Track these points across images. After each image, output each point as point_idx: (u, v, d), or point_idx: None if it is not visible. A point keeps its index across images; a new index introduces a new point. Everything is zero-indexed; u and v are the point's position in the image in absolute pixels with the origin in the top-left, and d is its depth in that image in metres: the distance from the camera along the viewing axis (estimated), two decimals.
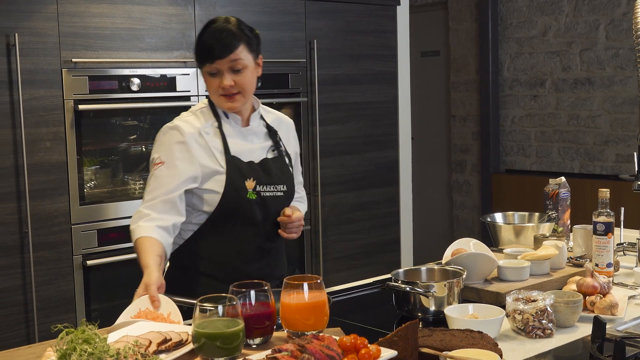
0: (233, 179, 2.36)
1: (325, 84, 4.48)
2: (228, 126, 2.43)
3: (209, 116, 2.43)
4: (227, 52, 2.34)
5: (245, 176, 2.38)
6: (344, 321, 2.21)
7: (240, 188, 2.37)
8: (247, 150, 2.44)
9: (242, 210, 2.38)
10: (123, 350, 1.72)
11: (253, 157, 2.44)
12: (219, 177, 2.36)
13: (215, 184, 2.36)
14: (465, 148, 6.69)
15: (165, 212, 2.32)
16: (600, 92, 5.70)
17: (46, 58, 3.49)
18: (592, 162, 5.82)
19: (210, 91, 2.40)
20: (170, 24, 3.86)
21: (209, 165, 2.36)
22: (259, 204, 2.40)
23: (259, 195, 2.40)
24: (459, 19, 6.65)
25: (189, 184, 2.34)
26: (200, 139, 2.37)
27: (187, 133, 2.36)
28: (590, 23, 5.72)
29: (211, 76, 2.37)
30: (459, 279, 2.23)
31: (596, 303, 2.19)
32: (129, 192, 3.84)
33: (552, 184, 3.00)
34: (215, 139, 2.39)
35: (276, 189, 2.45)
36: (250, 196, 2.38)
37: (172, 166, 2.33)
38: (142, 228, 2.29)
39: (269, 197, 2.42)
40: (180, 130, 2.36)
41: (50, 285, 3.55)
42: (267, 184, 2.43)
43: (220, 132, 2.41)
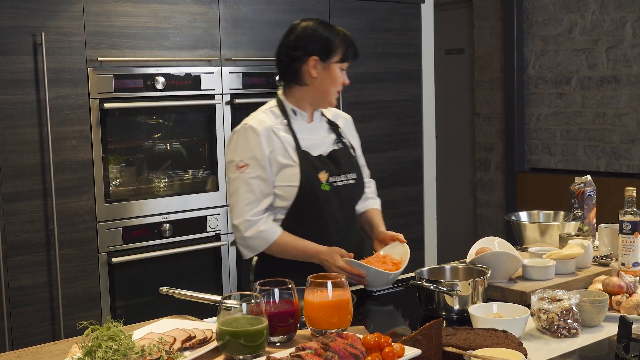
0: (307, 173, 2.53)
1: (350, 82, 4.47)
2: (296, 123, 2.62)
3: (279, 114, 2.61)
4: (357, 57, 2.68)
5: (317, 169, 2.56)
6: (368, 319, 2.21)
7: (314, 180, 2.54)
8: (315, 144, 2.62)
9: (319, 201, 2.54)
10: (148, 347, 1.73)
11: (321, 150, 2.63)
12: (293, 170, 2.53)
13: (291, 177, 2.53)
14: (490, 146, 6.65)
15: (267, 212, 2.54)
16: (627, 90, 5.65)
17: (72, 57, 3.52)
18: (618, 160, 5.77)
19: (336, 84, 2.61)
20: (195, 22, 3.87)
21: (283, 162, 2.53)
22: (333, 194, 2.58)
23: (332, 185, 2.57)
24: (484, 17, 6.61)
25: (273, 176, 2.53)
26: (274, 135, 2.55)
27: (263, 129, 2.54)
28: (616, 20, 5.67)
29: (341, 71, 2.62)
30: (483, 278, 2.22)
31: (622, 303, 2.17)
32: (154, 190, 3.86)
33: (578, 182, 2.97)
34: (286, 135, 2.57)
35: (347, 177, 2.64)
36: (324, 187, 2.55)
37: (258, 167, 2.51)
38: (269, 232, 2.51)
39: (341, 186, 2.61)
40: (255, 130, 2.53)
41: (75, 282, 3.57)
42: (338, 174, 2.61)
43: (290, 129, 2.58)
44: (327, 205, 2.56)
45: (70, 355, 1.77)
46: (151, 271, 3.80)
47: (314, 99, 2.64)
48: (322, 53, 2.57)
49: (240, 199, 2.53)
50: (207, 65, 3.93)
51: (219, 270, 4.03)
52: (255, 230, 2.50)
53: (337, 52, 2.59)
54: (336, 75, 2.60)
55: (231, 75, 4.00)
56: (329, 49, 2.57)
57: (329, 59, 2.58)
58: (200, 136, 4.01)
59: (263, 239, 2.51)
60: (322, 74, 2.59)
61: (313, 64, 2.58)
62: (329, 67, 2.59)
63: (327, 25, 2.62)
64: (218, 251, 4.02)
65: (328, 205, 2.57)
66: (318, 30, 2.59)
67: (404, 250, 2.51)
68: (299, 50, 2.58)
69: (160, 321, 2.03)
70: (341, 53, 2.59)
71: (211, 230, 3.97)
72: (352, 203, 2.68)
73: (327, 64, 2.59)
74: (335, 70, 2.60)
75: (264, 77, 4.12)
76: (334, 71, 2.60)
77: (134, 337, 1.80)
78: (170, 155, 3.94)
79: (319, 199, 2.54)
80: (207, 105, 3.96)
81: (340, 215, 2.61)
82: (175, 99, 3.85)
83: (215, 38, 3.94)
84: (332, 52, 2.58)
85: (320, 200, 2.54)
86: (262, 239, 2.51)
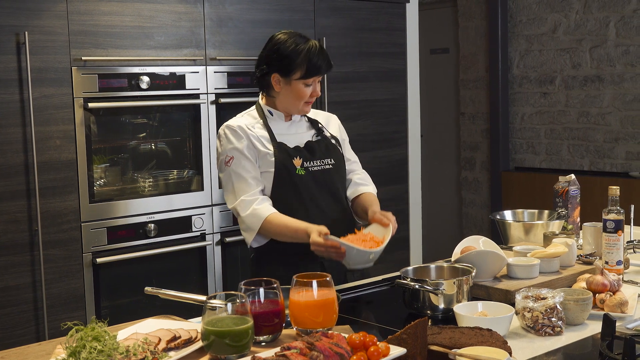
0: (281, 159, 2.66)
1: (335, 81, 4.48)
2: (273, 121, 2.76)
3: (256, 116, 2.76)
4: (329, 69, 2.75)
5: (292, 156, 2.68)
6: (353, 319, 2.21)
7: (289, 166, 2.67)
8: (291, 138, 2.75)
9: (296, 185, 2.67)
10: (132, 347, 1.73)
11: (298, 142, 2.75)
12: (269, 158, 2.66)
13: (267, 164, 2.66)
14: (475, 146, 6.67)
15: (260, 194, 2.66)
16: (610, 89, 5.68)
17: (56, 56, 3.51)
18: (602, 159, 5.80)
19: (300, 98, 2.70)
20: (179, 21, 3.86)
21: (260, 149, 2.67)
22: (310, 177, 2.69)
23: (308, 170, 2.69)
24: (469, 16, 6.63)
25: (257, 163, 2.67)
26: (249, 130, 2.70)
27: (237, 126, 2.69)
28: (600, 20, 5.70)
29: (306, 87, 2.69)
30: (468, 277, 2.23)
31: (606, 301, 2.18)
32: (139, 189, 3.85)
33: (562, 181, 2.99)
34: (262, 131, 2.72)
35: (323, 162, 2.75)
36: (299, 172, 2.68)
37: (241, 158, 2.66)
38: (262, 209, 2.61)
39: (317, 170, 2.72)
40: (231, 126, 2.70)
41: (60, 282, 3.56)
42: (313, 159, 2.73)
43: (266, 126, 2.73)
44: (305, 189, 2.68)
45: (55, 356, 1.76)
46: (136, 271, 3.79)
47: (283, 108, 2.75)
48: (282, 71, 2.67)
49: (234, 188, 2.66)
50: (191, 64, 3.92)
51: (204, 270, 4.02)
52: (250, 208, 2.61)
53: (298, 70, 2.66)
54: (299, 91, 2.68)
55: (216, 74, 3.99)
56: (288, 67, 2.66)
57: (289, 76, 2.67)
58: (185, 136, 4.00)
59: (257, 216, 2.60)
60: (285, 89, 2.70)
61: (276, 79, 2.69)
62: (291, 84, 2.68)
63: (295, 41, 2.68)
64: (203, 251, 4.01)
65: (305, 188, 2.68)
66: (283, 47, 2.67)
67: (387, 229, 2.50)
68: (264, 66, 2.71)
69: (145, 321, 2.02)
70: (302, 70, 2.65)
71: (196, 230, 3.97)
72: (331, 186, 2.75)
73: (289, 80, 2.68)
74: (297, 86, 2.68)
75: (249, 76, 4.11)
76: (297, 87, 2.68)
77: (119, 338, 1.80)
78: (155, 155, 3.93)
79: (295, 184, 2.67)
80: (192, 104, 3.95)
81: (320, 198, 2.71)
82: (160, 99, 3.83)
83: (200, 37, 3.93)
84: (292, 70, 2.66)
85: (297, 184, 2.67)
86: (257, 215, 2.60)
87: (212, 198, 4.02)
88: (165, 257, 3.87)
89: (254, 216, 2.61)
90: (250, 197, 2.63)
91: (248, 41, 4.11)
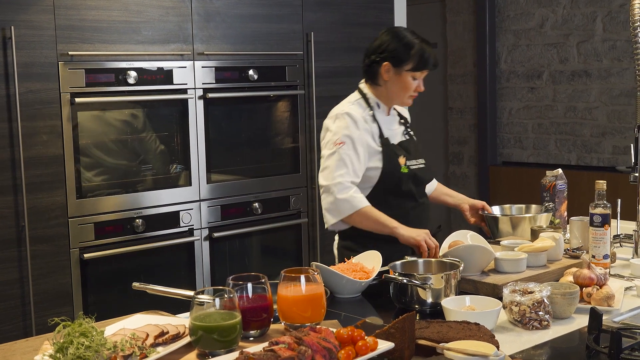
0: (389, 156, 2.89)
1: (323, 76, 4.48)
2: (378, 114, 2.96)
3: (365, 106, 2.94)
4: (435, 67, 2.94)
5: (397, 154, 2.91)
6: (341, 313, 2.21)
7: (395, 164, 2.89)
8: (392, 134, 2.98)
9: (399, 182, 2.89)
10: (120, 343, 1.72)
11: (395, 139, 2.98)
12: (378, 155, 2.88)
13: (376, 161, 2.87)
14: (463, 140, 6.68)
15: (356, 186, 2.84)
16: (597, 84, 5.70)
17: (42, 51, 3.49)
18: (589, 154, 5.82)
19: (406, 90, 2.91)
20: (167, 16, 3.85)
21: (372, 146, 2.88)
22: (411, 175, 2.93)
23: (409, 168, 2.93)
24: (456, 11, 6.64)
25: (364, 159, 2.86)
26: (365, 123, 2.88)
27: (358, 118, 2.87)
28: (587, 15, 5.72)
29: (414, 80, 2.90)
30: (456, 271, 2.23)
31: (593, 294, 2.19)
32: (126, 185, 3.83)
33: (549, 176, 3.00)
34: (373, 125, 2.91)
35: (418, 162, 3.00)
36: (403, 170, 2.91)
37: (351, 147, 2.82)
38: (358, 198, 2.79)
39: (416, 169, 2.97)
40: (352, 116, 2.87)
41: (47, 278, 3.54)
42: (413, 158, 2.97)
43: (375, 119, 2.93)
44: (406, 185, 2.91)
45: (42, 352, 1.75)
46: (124, 267, 3.78)
47: (387, 99, 2.96)
48: (394, 60, 2.88)
49: (334, 167, 2.81)
50: (179, 59, 3.91)
51: (192, 265, 4.01)
52: (347, 194, 2.78)
53: (409, 62, 2.86)
54: (406, 82, 2.90)
55: (204, 69, 3.98)
56: (401, 57, 2.87)
57: (400, 66, 2.88)
58: (173, 131, 3.99)
59: (352, 204, 2.78)
60: (394, 79, 2.90)
61: (386, 68, 2.90)
62: (401, 74, 2.89)
63: (408, 35, 2.91)
64: (191, 246, 4.00)
65: (407, 185, 2.91)
66: (396, 38, 2.90)
67: (376, 259, 2.51)
68: (376, 55, 2.92)
69: (133, 317, 2.02)
70: (413, 63, 2.87)
71: (184, 226, 3.96)
72: (424, 184, 3.06)
73: (399, 70, 2.89)
74: (406, 78, 2.89)
75: (237, 71, 4.11)
76: (405, 78, 2.89)
77: (106, 333, 1.79)
78: (143, 151, 3.92)
79: (400, 180, 2.89)
80: (180, 99, 3.94)
81: (417, 194, 2.97)
82: (147, 94, 3.82)
83: (187, 32, 3.92)
84: (404, 61, 2.87)
85: (401, 181, 2.89)
86: (352, 203, 2.77)
87: (200, 193, 4.01)
88: (153, 253, 3.86)
89: (349, 202, 2.77)
90: (349, 183, 2.79)
91: (236, 36, 4.10)
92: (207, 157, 4.04)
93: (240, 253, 4.25)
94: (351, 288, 2.40)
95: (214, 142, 4.07)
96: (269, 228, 4.29)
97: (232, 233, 4.15)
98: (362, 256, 2.57)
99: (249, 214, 4.21)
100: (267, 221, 4.28)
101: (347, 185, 2.79)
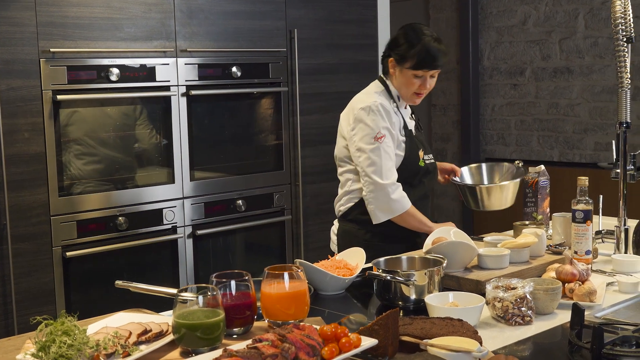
0: (412, 147, 2.96)
1: (306, 73, 4.47)
2: (399, 106, 3.01)
3: (389, 97, 2.98)
4: (440, 66, 2.94)
5: (418, 147, 2.99)
6: (325, 310, 2.21)
7: (416, 155, 2.98)
8: (411, 127, 3.03)
9: (417, 175, 2.98)
10: (103, 341, 1.71)
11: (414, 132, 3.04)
12: (402, 145, 2.94)
13: (399, 150, 2.93)
14: (446, 137, 6.70)
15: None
16: (579, 80, 5.73)
17: (24, 48, 3.46)
18: (571, 150, 5.85)
19: (408, 88, 2.95)
20: (149, 13, 3.83)
21: (398, 135, 2.93)
22: (426, 170, 3.02)
23: (425, 162, 3.01)
24: (439, 8, 6.65)
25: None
26: (394, 115, 2.93)
27: (389, 109, 2.92)
28: (569, 12, 5.74)
29: (415, 77, 2.92)
30: (440, 268, 2.24)
31: (575, 290, 2.21)
32: (109, 182, 3.82)
33: (532, 172, 3.01)
34: (397, 116, 2.96)
35: (429, 157, 3.06)
36: (421, 163, 2.99)
37: (390, 140, 2.88)
38: (407, 199, 2.89)
39: (429, 164, 3.05)
40: (385, 107, 2.90)
41: (29, 277, 3.52)
42: (427, 153, 3.05)
43: (399, 111, 2.98)
44: (420, 178, 3.00)
45: (24, 351, 1.74)
46: (107, 265, 3.76)
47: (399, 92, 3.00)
48: (397, 57, 2.93)
49: (384, 164, 2.85)
50: (162, 56, 3.89)
51: (176, 263, 4.00)
52: (399, 194, 2.87)
53: (409, 60, 2.89)
54: (408, 80, 2.92)
55: (187, 66, 3.97)
56: (402, 55, 2.90)
57: (402, 64, 2.92)
58: (156, 128, 3.97)
59: (402, 204, 2.87)
60: (398, 74, 2.95)
61: (392, 63, 2.96)
62: (403, 71, 2.92)
63: (416, 33, 2.91)
64: (175, 244, 3.99)
65: (420, 178, 3.00)
66: (403, 35, 2.92)
67: (359, 256, 2.52)
68: (386, 49, 2.99)
69: (115, 315, 2.01)
70: (413, 61, 2.88)
71: (167, 223, 3.95)
72: (434, 179, 3.16)
73: (401, 67, 2.92)
74: (407, 75, 2.92)
75: (220, 68, 4.09)
76: (406, 75, 2.92)
77: (89, 332, 1.78)
78: (126, 148, 3.90)
79: (418, 173, 2.98)
80: (163, 97, 3.92)
81: (427, 188, 3.06)
82: (130, 91, 3.80)
83: (170, 29, 3.90)
84: (405, 58, 2.90)
85: (419, 174, 2.98)
86: (402, 203, 2.86)
87: (184, 191, 4.00)
88: (136, 251, 3.85)
89: (400, 203, 2.86)
90: (398, 183, 2.86)
91: (219, 33, 4.09)
92: (190, 154, 4.02)
93: (224, 250, 4.25)
94: (335, 285, 2.40)
95: (197, 139, 4.05)
96: (253, 225, 4.28)
97: (216, 230, 4.14)
98: (346, 253, 2.57)
99: (232, 212, 4.20)
100: (250, 218, 4.28)
101: (398, 184, 2.87)
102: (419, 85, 2.93)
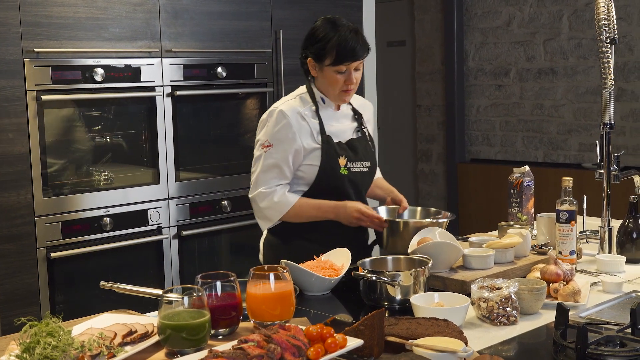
0: (328, 155, 2.72)
1: (292, 74, 4.47)
2: (324, 110, 2.79)
3: (308, 101, 2.77)
4: (365, 53, 2.72)
5: (338, 154, 2.74)
6: (311, 311, 2.21)
7: (334, 164, 2.74)
8: (338, 131, 2.81)
9: (337, 184, 2.75)
10: (88, 342, 1.71)
11: (342, 137, 2.81)
12: (317, 152, 2.72)
13: (314, 159, 2.72)
14: (431, 138, 6.72)
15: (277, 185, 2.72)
16: (564, 81, 5.76)
17: (7, 48, 3.44)
18: (555, 151, 5.88)
19: (333, 87, 2.73)
20: (134, 13, 3.82)
21: (308, 143, 2.71)
22: (350, 178, 2.77)
23: (350, 170, 2.77)
24: (424, 9, 6.67)
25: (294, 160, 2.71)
26: (302, 120, 2.72)
27: (290, 115, 2.70)
28: (553, 13, 5.77)
29: (338, 74, 2.70)
30: (425, 268, 2.24)
31: (559, 290, 2.22)
32: (94, 183, 3.80)
33: (516, 172, 3.02)
34: (313, 120, 2.74)
35: (362, 165, 2.82)
36: (342, 171, 2.75)
37: (280, 149, 2.69)
38: (288, 196, 2.71)
39: (357, 172, 2.80)
40: (284, 113, 2.70)
41: (13, 278, 3.50)
42: (355, 160, 2.80)
43: (317, 115, 2.76)
44: (344, 189, 2.76)
45: (8, 352, 1.73)
46: (92, 266, 3.75)
47: (324, 94, 2.79)
48: (315, 56, 2.72)
49: (258, 175, 2.72)
50: (147, 56, 3.88)
51: (161, 263, 3.99)
52: (269, 201, 2.70)
53: (328, 57, 2.68)
54: (331, 77, 2.71)
55: (172, 66, 3.96)
56: (319, 53, 2.70)
57: (321, 62, 2.71)
58: (141, 129, 3.96)
59: (277, 210, 2.70)
60: (319, 74, 2.74)
61: (312, 64, 2.75)
62: (324, 70, 2.71)
63: (329, 26, 2.71)
64: (160, 245, 3.98)
65: (345, 188, 2.76)
66: (316, 32, 2.72)
67: (345, 256, 2.52)
68: (303, 50, 2.77)
69: (100, 316, 2.00)
70: (332, 57, 2.67)
71: (152, 224, 3.93)
72: (364, 189, 2.88)
73: (321, 66, 2.71)
74: (329, 73, 2.71)
75: (205, 68, 4.09)
76: (328, 73, 2.71)
77: (74, 333, 1.77)
78: (110, 148, 3.88)
79: (337, 182, 2.74)
80: (148, 97, 3.91)
81: (353, 198, 2.79)
82: (114, 91, 3.79)
83: (155, 29, 3.89)
84: (323, 56, 2.69)
85: (338, 183, 2.74)
86: (276, 209, 2.70)
87: (169, 191, 3.99)
88: (121, 252, 3.83)
89: (273, 209, 2.70)
90: (269, 189, 2.70)
91: (204, 33, 4.08)
92: (175, 155, 4.01)
93: (209, 251, 4.24)
94: (320, 285, 2.40)
95: (182, 139, 4.05)
96: (238, 226, 4.28)
97: (201, 231, 4.13)
98: (332, 253, 2.57)
99: (218, 212, 4.20)
100: (236, 219, 4.27)
101: (267, 193, 2.70)
102: (344, 81, 2.70)
